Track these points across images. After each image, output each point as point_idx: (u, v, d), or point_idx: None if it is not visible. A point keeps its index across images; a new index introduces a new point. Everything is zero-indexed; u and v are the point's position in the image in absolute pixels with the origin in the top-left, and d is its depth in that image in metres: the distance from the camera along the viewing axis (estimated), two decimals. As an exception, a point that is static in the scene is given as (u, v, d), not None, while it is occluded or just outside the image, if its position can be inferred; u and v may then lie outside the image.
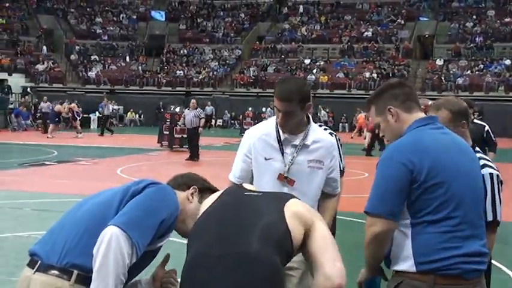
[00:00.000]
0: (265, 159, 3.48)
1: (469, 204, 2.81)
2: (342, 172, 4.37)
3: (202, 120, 19.70)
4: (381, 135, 3.10)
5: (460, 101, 3.88)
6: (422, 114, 2.99)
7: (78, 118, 30.16)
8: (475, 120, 9.11)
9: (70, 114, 30.17)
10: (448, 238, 2.75)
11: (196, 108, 19.08)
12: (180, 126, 20.48)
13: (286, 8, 52.74)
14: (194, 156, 18.37)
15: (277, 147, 3.49)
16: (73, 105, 30.90)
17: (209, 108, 39.71)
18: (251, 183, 3.41)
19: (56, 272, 2.51)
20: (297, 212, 2.51)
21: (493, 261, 7.70)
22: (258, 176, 3.52)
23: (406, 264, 2.80)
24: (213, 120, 41.08)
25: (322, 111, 33.23)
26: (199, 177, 3.08)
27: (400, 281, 2.81)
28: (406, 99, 2.99)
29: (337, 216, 4.70)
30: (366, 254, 2.86)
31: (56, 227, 2.71)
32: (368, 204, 2.79)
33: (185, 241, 2.66)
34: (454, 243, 2.75)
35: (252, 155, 3.53)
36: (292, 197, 2.69)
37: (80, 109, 31.60)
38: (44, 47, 47.12)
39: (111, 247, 2.41)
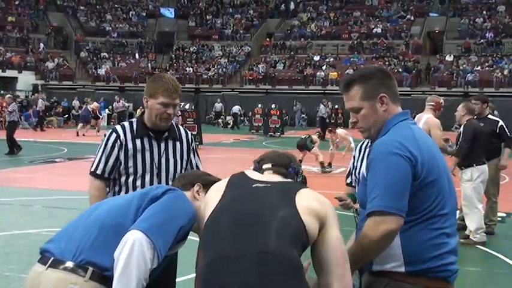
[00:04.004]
0: None
1: (451, 203, 2.78)
2: None
3: (180, 118, 19.39)
4: (352, 120, 2.90)
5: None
6: (400, 108, 2.90)
7: (101, 117, 30.35)
8: (489, 116, 9.08)
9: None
10: (437, 235, 2.70)
11: None
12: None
13: (295, 5, 52.67)
14: None
15: None
16: (96, 104, 31.01)
17: (218, 105, 39.72)
18: None
19: (71, 268, 2.50)
20: (310, 206, 2.43)
21: (501, 257, 7.72)
22: None
23: (394, 264, 2.67)
24: (239, 118, 39.96)
25: (322, 106, 33.00)
26: (201, 172, 3.09)
27: (386, 283, 2.69)
28: (395, 90, 2.87)
29: (345, 213, 4.69)
30: (365, 254, 2.64)
31: (69, 227, 2.71)
32: (377, 202, 2.57)
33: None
34: (442, 239, 2.71)
35: None
36: (301, 186, 2.62)
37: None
38: (42, 44, 47.15)
39: (134, 252, 2.41)
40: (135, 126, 3.77)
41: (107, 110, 37.46)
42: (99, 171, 3.73)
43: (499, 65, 40.32)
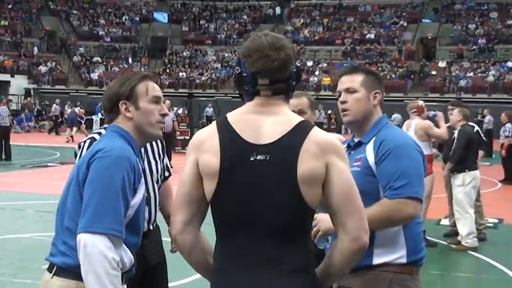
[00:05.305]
0: None
1: None
2: None
3: (175, 123, 19.29)
4: (341, 99, 3.05)
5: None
6: None
7: (82, 121, 30.21)
8: (470, 123, 9.18)
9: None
10: (421, 229, 3.00)
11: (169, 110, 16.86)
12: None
13: (288, 10, 52.76)
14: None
15: None
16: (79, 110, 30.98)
17: (209, 110, 39.72)
18: None
19: (72, 275, 2.53)
20: (310, 172, 2.23)
21: (493, 262, 7.73)
22: None
23: (398, 255, 2.86)
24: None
25: (317, 112, 32.98)
26: (115, 86, 2.75)
27: (390, 278, 2.84)
28: (383, 97, 3.11)
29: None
30: (377, 226, 2.73)
31: (56, 235, 2.68)
32: (410, 189, 2.79)
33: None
34: (422, 233, 3.03)
35: None
36: (301, 141, 2.27)
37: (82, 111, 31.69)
38: (35, 48, 47.10)
39: (89, 256, 2.38)
40: None
41: (99, 114, 37.38)
42: None
43: (490, 72, 40.48)
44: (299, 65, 2.58)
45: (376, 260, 2.85)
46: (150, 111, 2.73)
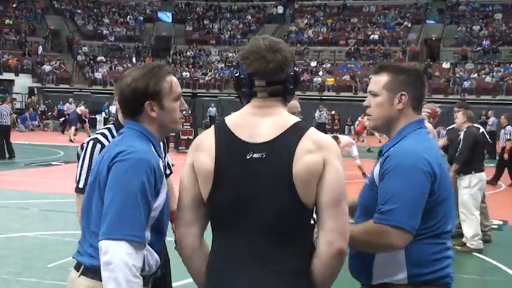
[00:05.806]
0: None
1: (453, 220, 2.80)
2: None
3: None
4: (365, 103, 2.82)
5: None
6: (421, 116, 2.86)
7: (87, 120, 30.19)
8: (475, 124, 9.16)
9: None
10: (440, 250, 2.71)
11: None
12: None
13: (292, 10, 52.76)
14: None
15: None
16: (83, 109, 30.93)
17: (213, 110, 39.75)
18: None
19: (98, 276, 2.46)
20: (306, 168, 2.25)
21: (498, 264, 7.71)
22: None
23: (397, 277, 2.66)
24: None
25: (317, 112, 32.94)
26: (140, 83, 2.58)
27: None
28: (420, 97, 2.81)
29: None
30: (359, 246, 2.63)
31: (83, 237, 2.66)
32: (396, 216, 2.52)
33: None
34: (443, 253, 2.73)
35: None
36: (298, 139, 2.29)
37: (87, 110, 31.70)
38: (40, 47, 47.21)
39: (110, 263, 2.35)
40: (114, 133, 3.60)
41: (103, 114, 37.41)
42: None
43: (493, 73, 40.45)
44: (297, 68, 2.53)
45: (376, 281, 2.71)
46: (174, 109, 2.65)
